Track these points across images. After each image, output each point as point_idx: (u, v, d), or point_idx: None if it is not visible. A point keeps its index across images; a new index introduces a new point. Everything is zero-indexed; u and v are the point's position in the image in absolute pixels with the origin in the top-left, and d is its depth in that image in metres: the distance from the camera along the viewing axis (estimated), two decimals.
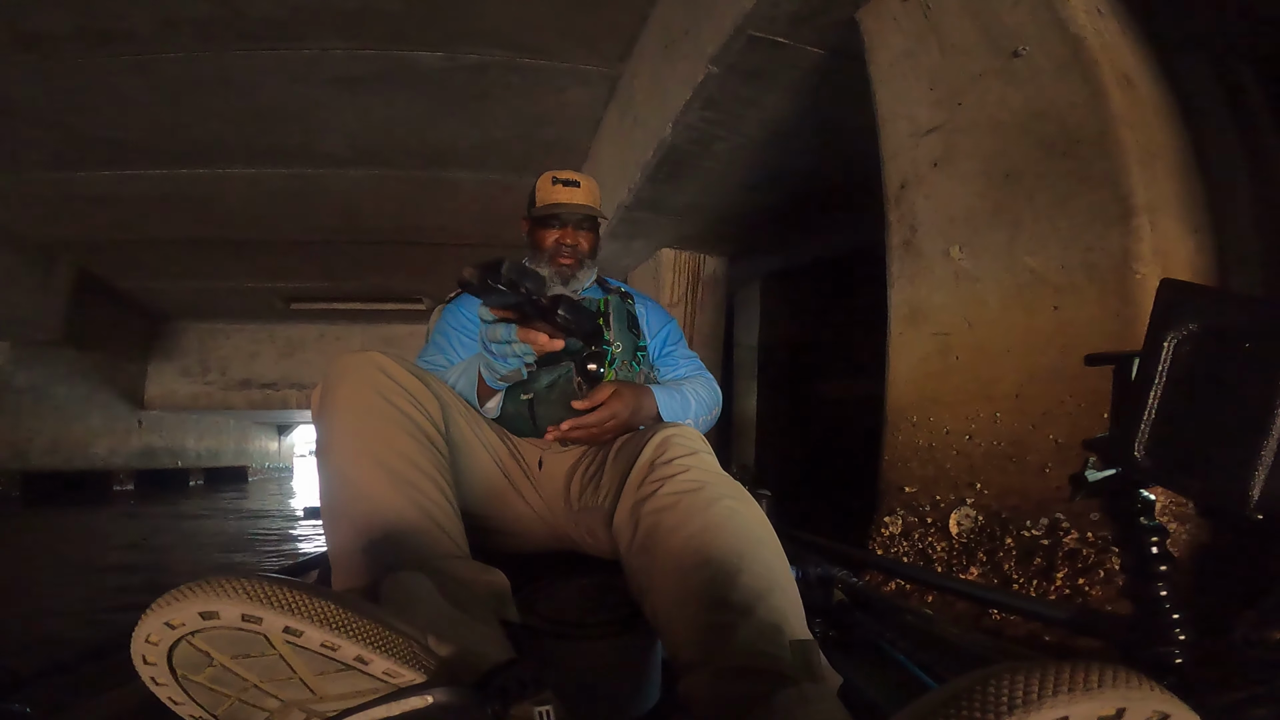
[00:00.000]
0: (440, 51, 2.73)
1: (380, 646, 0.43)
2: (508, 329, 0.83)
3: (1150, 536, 0.51)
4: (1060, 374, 1.12)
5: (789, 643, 0.54)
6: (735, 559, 0.60)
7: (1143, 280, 1.04)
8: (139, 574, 3.27)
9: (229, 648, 0.41)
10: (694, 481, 0.68)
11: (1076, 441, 1.09)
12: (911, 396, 1.41)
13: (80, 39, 2.49)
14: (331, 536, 0.73)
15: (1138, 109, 1.21)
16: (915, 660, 0.70)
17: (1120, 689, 0.28)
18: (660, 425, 0.79)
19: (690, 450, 0.73)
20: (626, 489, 0.73)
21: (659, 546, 0.65)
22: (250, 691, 0.43)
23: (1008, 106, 1.30)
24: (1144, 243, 1.05)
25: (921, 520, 1.32)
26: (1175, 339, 0.44)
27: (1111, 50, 1.23)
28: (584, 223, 1.18)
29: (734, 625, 0.55)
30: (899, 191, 1.49)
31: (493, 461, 0.96)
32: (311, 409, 0.80)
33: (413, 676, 0.44)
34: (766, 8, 1.69)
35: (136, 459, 7.44)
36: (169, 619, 0.39)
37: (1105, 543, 1.00)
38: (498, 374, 0.92)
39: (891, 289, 1.49)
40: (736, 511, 0.66)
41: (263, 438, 11.59)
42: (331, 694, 0.43)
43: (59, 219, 4.29)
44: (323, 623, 0.41)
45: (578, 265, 1.17)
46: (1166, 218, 1.12)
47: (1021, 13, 1.28)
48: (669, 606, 0.61)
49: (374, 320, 7.26)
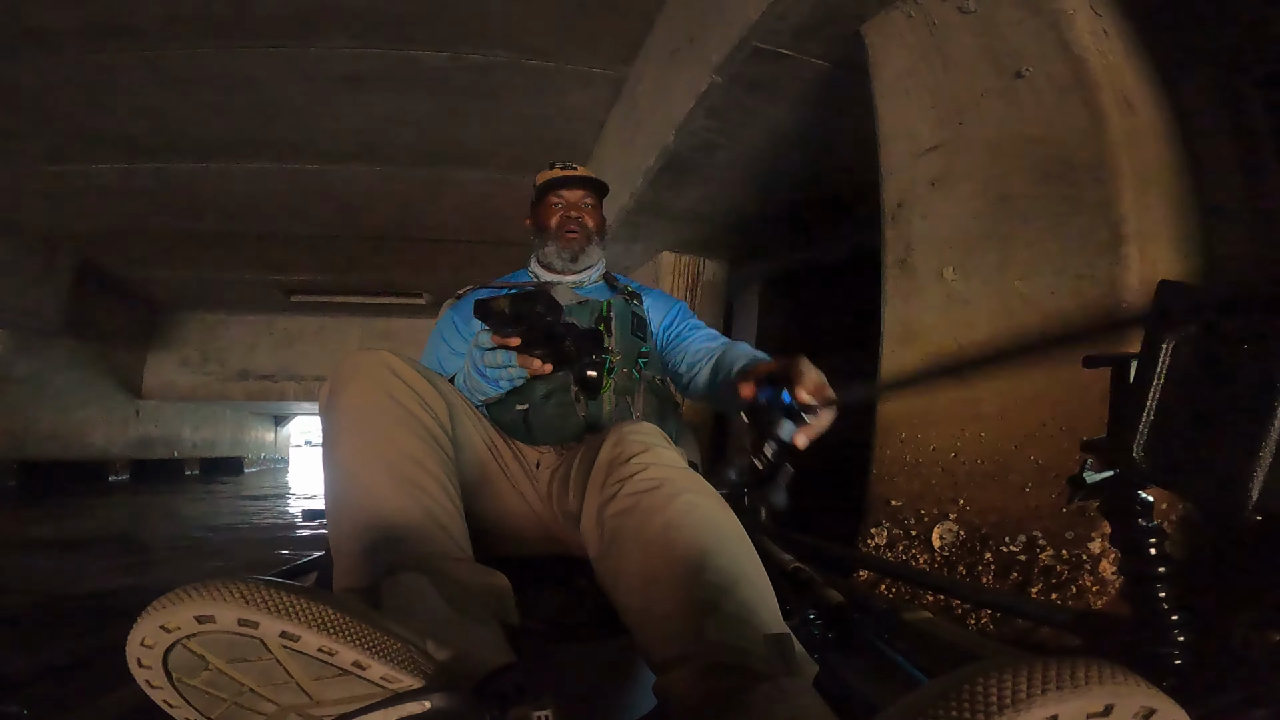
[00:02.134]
0: (445, 51, 2.74)
1: (378, 651, 0.43)
2: (507, 355, 0.83)
3: (1149, 538, 0.51)
4: (1043, 398, 1.14)
5: (763, 637, 0.53)
6: (698, 554, 0.59)
7: (1128, 310, 1.06)
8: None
9: (225, 652, 0.41)
10: (651, 480, 0.67)
11: (1056, 463, 1.11)
12: (901, 413, 1.43)
13: (87, 34, 2.50)
14: (334, 534, 0.73)
15: (1136, 133, 1.21)
16: (914, 661, 0.70)
17: (1108, 685, 0.28)
18: (616, 425, 0.77)
19: (645, 446, 0.71)
20: (589, 492, 0.72)
21: (624, 550, 0.64)
22: (246, 696, 0.43)
23: (1007, 128, 1.30)
24: (1132, 272, 1.07)
25: (906, 533, 1.34)
26: (1174, 340, 0.43)
27: (1114, 72, 1.24)
28: (586, 198, 1.18)
29: (702, 621, 0.54)
30: (896, 209, 1.50)
31: (495, 462, 0.96)
32: (319, 405, 0.80)
33: (410, 681, 0.44)
34: (772, 20, 1.70)
35: (133, 449, 7.44)
36: (164, 622, 0.39)
37: (1079, 560, 1.03)
38: (484, 395, 0.94)
39: (885, 307, 1.50)
40: (695, 505, 0.64)
41: (259, 428, 11.59)
42: (328, 699, 0.43)
43: (61, 210, 4.30)
44: (320, 627, 0.41)
45: (585, 240, 1.17)
46: (1157, 244, 1.14)
47: (1026, 33, 1.28)
48: (639, 608, 0.60)
49: (373, 314, 7.26)
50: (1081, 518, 1.08)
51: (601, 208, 1.23)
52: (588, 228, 1.17)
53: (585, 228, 1.17)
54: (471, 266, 5.15)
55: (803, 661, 0.54)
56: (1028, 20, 1.27)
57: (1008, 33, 1.31)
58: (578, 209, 1.17)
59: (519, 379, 0.91)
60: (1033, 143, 1.25)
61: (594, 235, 1.18)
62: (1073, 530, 1.08)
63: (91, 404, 6.63)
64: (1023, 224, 1.24)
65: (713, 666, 0.51)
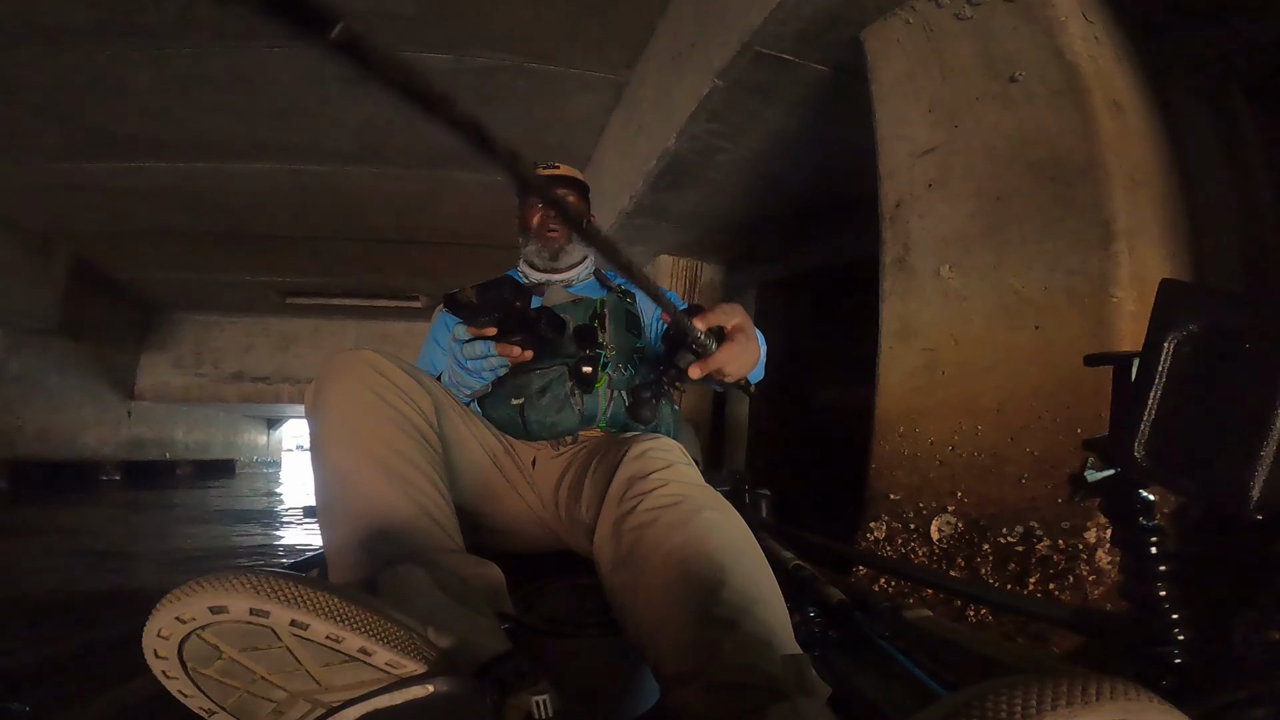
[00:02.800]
0: (450, 54, 2.77)
1: (382, 638, 0.44)
2: (485, 345, 0.84)
3: (1149, 536, 0.51)
4: (1039, 391, 1.17)
5: (780, 657, 0.53)
6: (718, 572, 0.59)
7: (1118, 305, 1.09)
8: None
9: (238, 641, 0.42)
10: (673, 495, 0.67)
11: (1052, 455, 1.14)
12: (899, 408, 1.46)
13: (96, 32, 2.51)
14: (327, 531, 0.73)
15: (1126, 136, 1.25)
16: (915, 659, 0.70)
17: (1119, 701, 0.28)
18: (636, 439, 0.78)
19: (667, 463, 0.72)
20: (606, 505, 0.72)
21: (641, 564, 0.63)
22: (258, 683, 0.44)
23: (1002, 130, 1.33)
24: (1122, 268, 1.10)
25: (905, 526, 1.36)
26: (1175, 339, 0.43)
27: (1104, 76, 1.27)
28: (568, 195, 1.19)
29: (720, 639, 0.54)
30: (894, 210, 1.54)
31: (488, 458, 0.96)
32: (305, 406, 0.81)
33: (414, 667, 0.45)
34: (775, 25, 1.72)
35: (125, 450, 7.38)
36: (179, 614, 0.40)
37: (1075, 550, 1.05)
38: (469, 390, 0.94)
39: (884, 304, 1.53)
40: (716, 524, 0.64)
41: (252, 431, 11.52)
42: (336, 685, 0.45)
43: (60, 208, 4.29)
44: (328, 616, 0.42)
45: (565, 238, 1.18)
46: (1146, 243, 1.17)
47: (1021, 38, 1.31)
48: (653, 622, 0.59)
49: (369, 316, 7.25)
50: (1077, 508, 1.09)
51: (587, 204, 1.23)
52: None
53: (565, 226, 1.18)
54: (468, 269, 5.16)
55: (817, 682, 0.53)
56: (1022, 26, 1.31)
57: (1003, 38, 1.35)
58: None
59: (501, 368, 0.91)
60: (1026, 145, 1.29)
61: (575, 234, 1.19)
62: (1069, 521, 1.10)
63: (84, 404, 6.58)
64: (1017, 223, 1.27)
65: (730, 685, 0.51)
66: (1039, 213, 1.24)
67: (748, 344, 0.75)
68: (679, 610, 0.58)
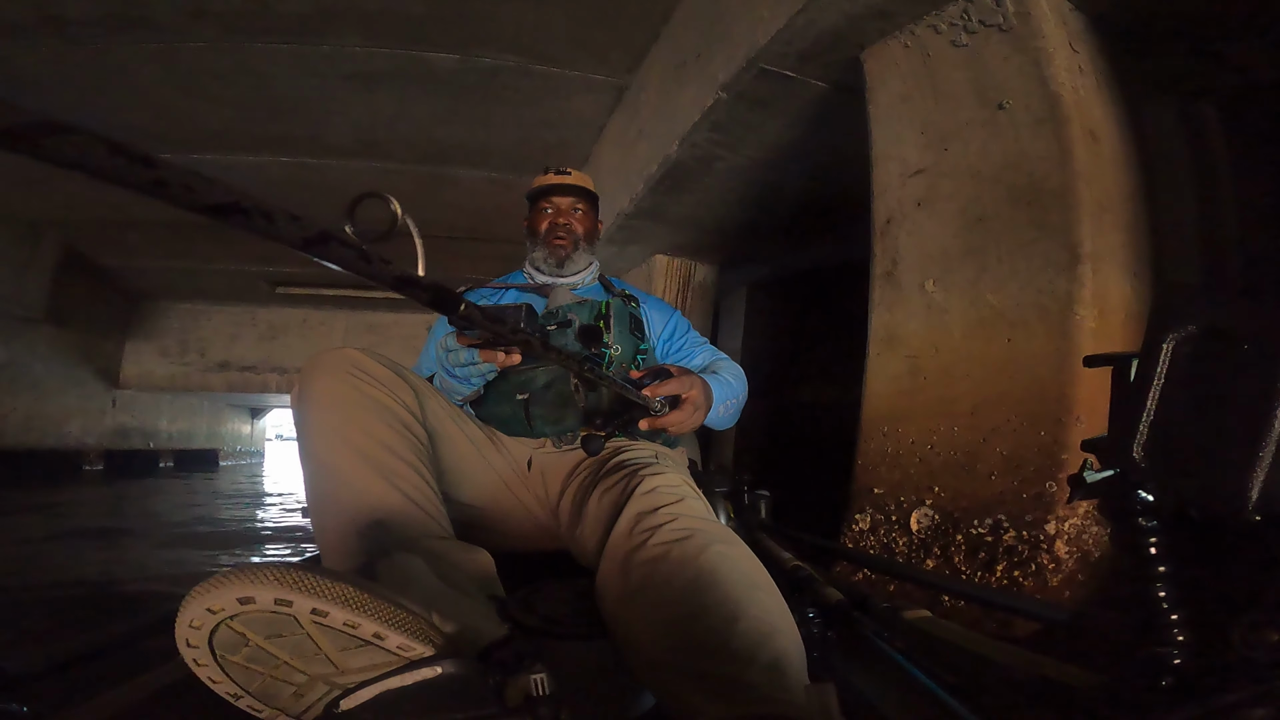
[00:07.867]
0: (455, 54, 2.81)
1: (394, 624, 0.47)
2: (470, 352, 0.87)
3: (1149, 537, 0.50)
4: (1008, 397, 1.28)
5: (805, 688, 0.53)
6: (732, 605, 0.59)
7: (1080, 322, 1.20)
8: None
9: (263, 629, 0.45)
10: (683, 530, 0.67)
11: (1018, 454, 1.26)
12: (884, 410, 1.55)
13: (105, 25, 2.51)
14: (319, 524, 0.76)
15: (1098, 163, 1.32)
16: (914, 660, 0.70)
17: None
18: (644, 472, 0.78)
19: (677, 498, 0.72)
20: (613, 540, 0.71)
21: (652, 599, 0.62)
22: (281, 668, 0.47)
23: (987, 155, 1.40)
24: (1085, 288, 1.21)
25: (887, 518, 1.47)
26: (1174, 339, 0.43)
27: (1084, 106, 1.34)
28: (577, 204, 1.20)
29: (738, 673, 0.54)
30: (885, 226, 1.62)
31: (477, 454, 0.97)
32: (291, 404, 0.83)
33: (423, 650, 0.48)
34: (780, 44, 1.76)
35: (108, 439, 7.30)
36: (210, 605, 0.43)
37: (1037, 540, 1.16)
38: (459, 395, 0.98)
39: (872, 313, 1.61)
40: (727, 557, 0.64)
41: (236, 420, 11.39)
42: (352, 668, 0.48)
43: (50, 196, 4.23)
44: (345, 604, 0.45)
45: (572, 246, 1.19)
46: (1109, 265, 1.28)
47: (1010, 68, 1.37)
48: (666, 658, 0.58)
49: (358, 307, 7.23)
50: (1038, 502, 1.19)
51: (595, 213, 1.26)
52: (576, 234, 1.20)
53: (573, 234, 1.20)
54: (466, 263, 5.20)
55: (837, 715, 0.53)
56: (1013, 56, 1.37)
57: (994, 67, 1.40)
58: (567, 215, 1.19)
59: (490, 373, 0.93)
60: (1008, 169, 1.36)
61: (582, 242, 1.21)
62: (1031, 514, 1.20)
63: (69, 392, 6.50)
64: (995, 243, 1.36)
65: (756, 717, 0.51)
66: (1015, 234, 1.33)
67: (694, 413, 0.94)
68: (693, 646, 0.57)
